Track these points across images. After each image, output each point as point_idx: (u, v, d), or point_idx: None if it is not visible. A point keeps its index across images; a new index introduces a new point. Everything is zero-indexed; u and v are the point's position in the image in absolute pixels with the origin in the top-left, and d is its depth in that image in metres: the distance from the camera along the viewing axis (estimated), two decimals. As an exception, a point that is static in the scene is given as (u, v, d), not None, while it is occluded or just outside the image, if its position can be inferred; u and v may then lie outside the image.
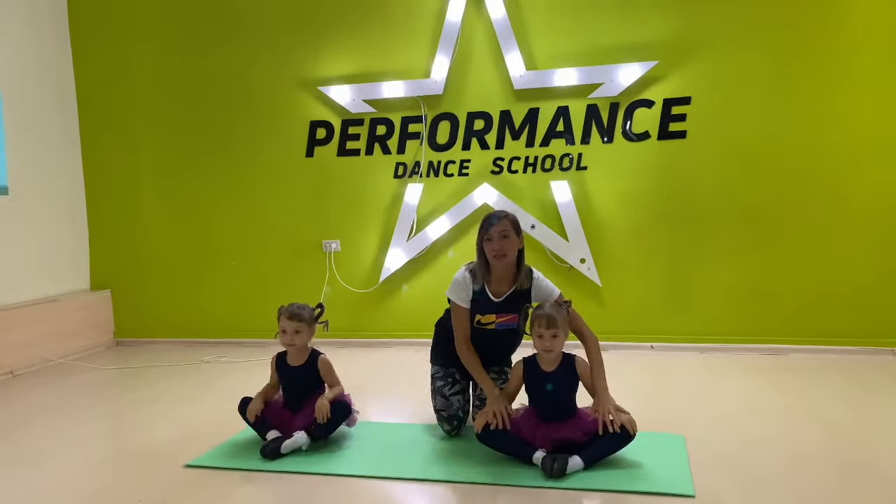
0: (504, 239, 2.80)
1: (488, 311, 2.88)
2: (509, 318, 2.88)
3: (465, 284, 2.90)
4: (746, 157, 4.19)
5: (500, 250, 2.80)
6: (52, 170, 4.93)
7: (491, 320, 2.89)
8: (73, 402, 3.69)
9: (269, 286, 4.92)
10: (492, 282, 2.89)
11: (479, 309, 2.90)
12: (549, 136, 4.44)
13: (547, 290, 2.91)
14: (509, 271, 2.88)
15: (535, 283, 2.90)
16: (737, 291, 4.26)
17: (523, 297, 2.87)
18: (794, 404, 3.23)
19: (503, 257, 2.81)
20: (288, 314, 2.89)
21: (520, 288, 2.88)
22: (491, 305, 2.88)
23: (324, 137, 4.76)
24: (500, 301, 2.88)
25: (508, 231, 2.82)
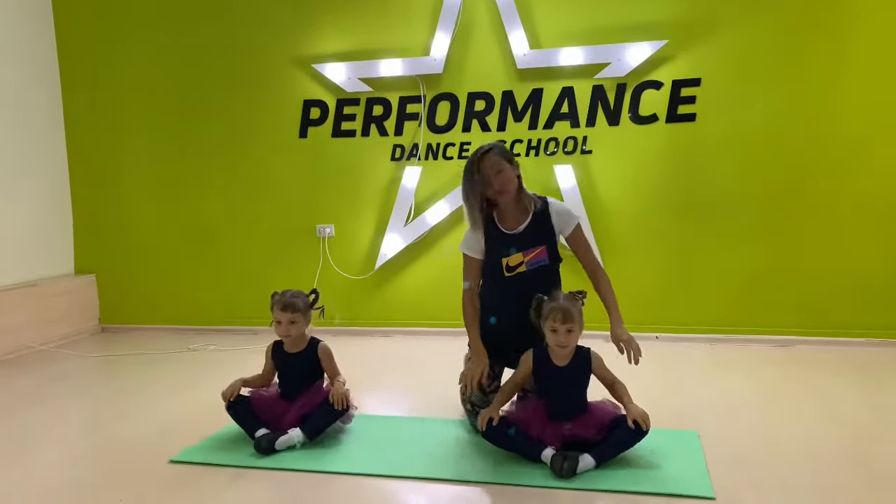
0: (499, 174, 2.63)
1: (510, 251, 2.69)
2: (537, 253, 2.70)
3: (473, 234, 2.75)
4: (757, 141, 4.04)
5: (499, 188, 2.64)
6: (34, 150, 4.72)
7: (519, 260, 2.69)
8: (54, 391, 3.52)
9: (261, 272, 4.74)
10: (505, 219, 2.74)
11: (501, 251, 2.71)
12: (553, 119, 4.27)
13: (567, 215, 2.76)
14: (518, 201, 2.72)
15: (554, 210, 2.74)
16: (745, 281, 4.12)
17: (544, 227, 2.71)
18: (806, 399, 3.09)
19: (504, 192, 2.65)
20: (282, 305, 2.73)
21: (537, 210, 2.71)
22: (510, 242, 2.69)
23: (318, 117, 4.58)
24: (519, 233, 2.70)
25: (501, 164, 2.64)
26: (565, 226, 2.79)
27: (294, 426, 2.62)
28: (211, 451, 2.58)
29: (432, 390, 3.39)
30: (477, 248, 2.76)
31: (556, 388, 2.49)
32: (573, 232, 2.80)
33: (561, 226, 2.78)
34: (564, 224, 2.78)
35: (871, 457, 2.42)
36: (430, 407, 3.15)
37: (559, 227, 2.79)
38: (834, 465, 2.36)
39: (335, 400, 2.60)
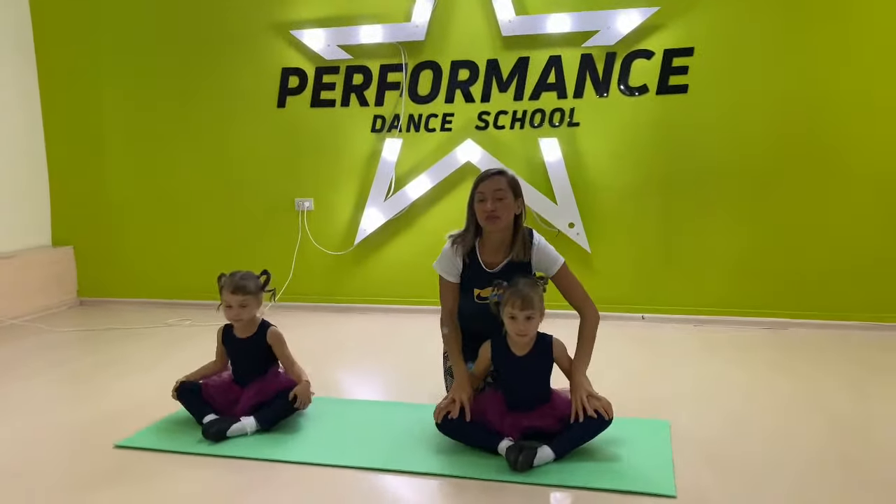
0: (499, 201, 2.44)
1: (485, 283, 2.51)
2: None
3: (452, 256, 2.56)
4: (752, 114, 3.84)
5: (492, 212, 2.43)
6: (7, 119, 4.59)
7: (490, 293, 2.48)
8: (18, 367, 3.43)
9: (239, 246, 4.62)
10: (485, 251, 2.55)
11: (474, 282, 2.55)
12: (540, 89, 4.08)
13: (549, 259, 2.54)
14: (505, 238, 2.52)
15: (537, 251, 2.53)
16: (736, 260, 3.96)
17: (522, 269, 2.50)
18: (791, 386, 2.96)
19: (495, 220, 2.44)
20: (232, 287, 2.60)
21: (516, 259, 2.51)
22: (486, 277, 2.51)
23: (297, 86, 4.41)
24: (494, 272, 2.51)
25: (504, 191, 2.45)
26: (546, 269, 2.55)
27: (246, 414, 2.52)
28: (160, 436, 2.48)
29: (404, 371, 3.29)
30: (454, 271, 2.57)
31: (516, 379, 2.36)
32: (557, 273, 2.56)
33: (541, 268, 2.55)
34: (546, 267, 2.55)
35: (854, 457, 2.28)
36: (399, 390, 3.05)
37: (538, 269, 2.56)
38: (811, 463, 2.23)
39: (299, 402, 2.50)
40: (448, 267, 2.58)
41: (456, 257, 2.56)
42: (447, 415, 2.30)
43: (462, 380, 2.40)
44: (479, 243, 2.57)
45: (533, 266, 2.54)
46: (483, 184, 2.47)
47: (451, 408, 2.30)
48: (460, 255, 2.55)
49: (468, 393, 2.35)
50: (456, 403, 2.31)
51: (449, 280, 2.59)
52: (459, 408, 2.30)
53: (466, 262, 2.56)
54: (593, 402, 2.25)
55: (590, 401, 2.25)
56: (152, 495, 2.08)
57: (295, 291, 4.54)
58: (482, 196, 2.46)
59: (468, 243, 2.55)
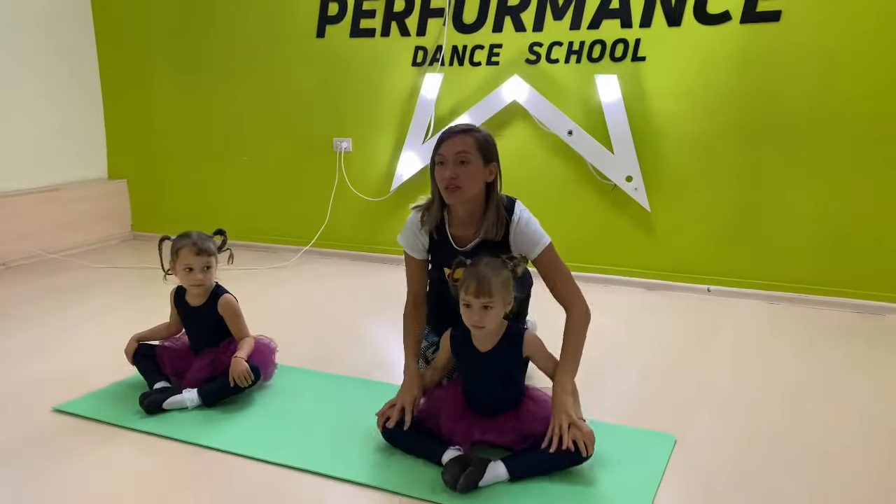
0: (462, 165, 1.99)
1: (454, 263, 2.06)
2: None
3: (417, 230, 2.16)
4: (861, 50, 3.06)
5: (452, 180, 1.99)
6: (65, 52, 4.53)
7: (460, 275, 2.05)
8: (19, 307, 3.37)
9: (278, 188, 4.40)
10: (454, 223, 2.13)
11: (443, 260, 2.16)
12: (601, 16, 3.47)
13: (529, 238, 2.07)
14: (475, 210, 2.08)
15: (515, 228, 2.07)
16: (827, 230, 3.26)
17: (497, 248, 2.04)
18: (873, 393, 2.35)
19: (456, 190, 2.00)
20: (196, 249, 2.31)
21: (488, 237, 2.08)
22: (455, 256, 2.06)
23: (336, 14, 4.02)
24: (465, 251, 2.10)
25: (470, 153, 1.99)
26: (528, 251, 2.08)
27: (196, 385, 2.28)
28: (100, 403, 2.28)
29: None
30: (419, 247, 2.19)
31: (478, 378, 1.96)
32: (540, 257, 2.10)
33: (521, 250, 2.08)
34: (526, 248, 2.08)
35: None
36: (396, 361, 2.72)
37: (518, 251, 2.07)
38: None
39: (234, 377, 2.21)
40: (412, 242, 2.19)
41: (421, 232, 2.15)
42: (387, 420, 1.94)
43: (409, 381, 2.01)
44: (448, 214, 2.13)
45: (511, 246, 2.07)
46: (444, 144, 2.02)
47: (391, 413, 1.94)
48: (426, 231, 2.13)
49: (414, 396, 1.97)
50: (395, 409, 1.94)
51: (413, 256, 2.20)
52: (400, 414, 1.92)
53: (435, 238, 2.14)
54: (573, 432, 1.80)
55: (570, 430, 1.80)
56: (52, 474, 1.89)
57: (330, 238, 4.27)
58: (441, 159, 2.02)
59: (434, 216, 2.12)
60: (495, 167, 2.07)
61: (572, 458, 1.80)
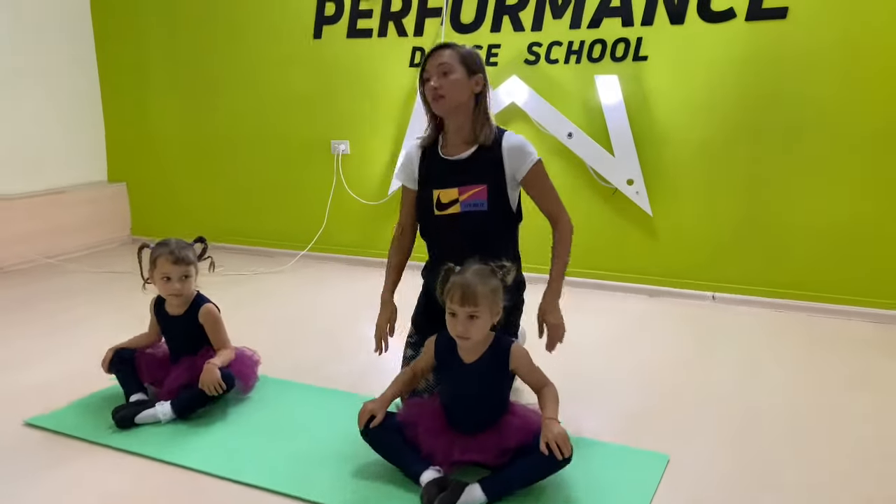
0: (444, 76, 2.06)
1: (447, 182, 2.13)
2: (476, 192, 2.12)
3: (411, 156, 2.25)
4: (873, 48, 2.94)
5: (436, 90, 2.07)
6: (62, 57, 4.49)
7: (453, 197, 2.13)
8: (11, 311, 3.32)
9: (275, 191, 4.33)
10: (448, 144, 2.18)
11: (435, 181, 2.17)
12: (601, 14, 3.36)
13: (521, 153, 2.12)
14: (463, 125, 2.13)
15: (508, 142, 2.12)
16: (836, 236, 3.13)
17: (490, 161, 2.11)
18: (882, 410, 2.23)
19: (440, 99, 2.08)
20: (174, 257, 2.24)
21: (485, 143, 2.12)
22: (448, 171, 2.14)
23: (333, 14, 3.95)
24: (457, 160, 2.14)
25: (450, 65, 2.07)
26: (518, 165, 2.14)
27: (174, 394, 2.21)
28: (74, 416, 2.21)
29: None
30: (411, 175, 2.25)
31: (460, 391, 1.86)
32: (529, 173, 2.14)
33: (513, 165, 2.13)
34: (517, 162, 2.13)
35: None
36: (394, 370, 2.62)
37: (511, 167, 2.12)
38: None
39: (204, 385, 2.14)
40: (405, 168, 2.27)
41: (414, 157, 2.24)
42: (371, 420, 1.84)
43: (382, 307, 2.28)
44: (442, 138, 2.21)
45: (504, 162, 2.11)
46: (428, 61, 2.11)
47: (374, 410, 1.85)
48: (420, 149, 2.23)
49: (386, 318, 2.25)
50: (365, 412, 1.85)
51: (407, 187, 2.28)
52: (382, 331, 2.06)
53: (427, 160, 2.21)
54: (544, 434, 1.71)
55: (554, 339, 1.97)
56: (13, 495, 1.82)
57: (328, 241, 4.20)
58: (427, 75, 2.11)
59: (430, 136, 2.22)
60: (481, 79, 2.11)
61: (549, 466, 1.70)
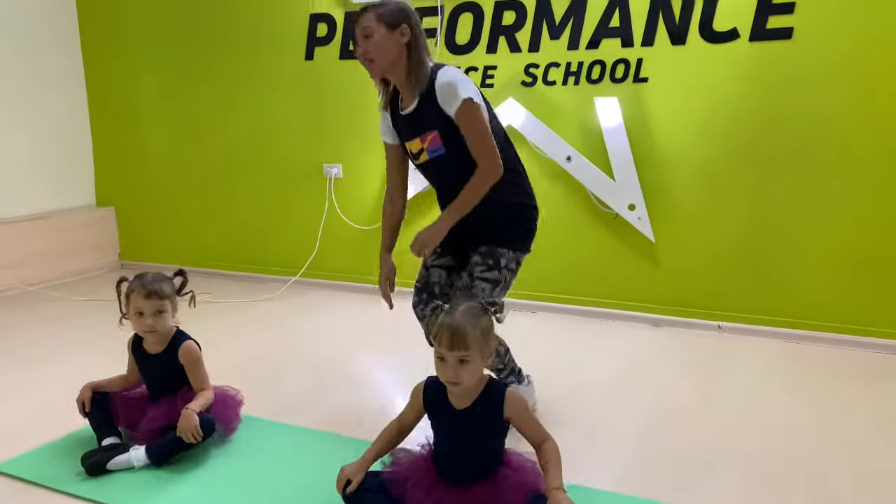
0: (366, 39, 2.07)
1: (408, 135, 2.20)
2: (431, 138, 2.14)
3: (385, 115, 2.28)
4: (880, 68, 2.83)
5: (364, 55, 2.09)
6: (53, 79, 4.40)
7: (419, 147, 2.18)
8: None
9: (266, 216, 4.22)
10: (402, 97, 2.19)
11: (402, 135, 2.25)
12: (600, 35, 3.27)
13: (450, 92, 2.04)
14: (401, 77, 2.13)
15: (438, 83, 2.07)
16: (847, 261, 3.01)
17: (433, 106, 2.09)
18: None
19: (370, 63, 2.09)
20: (145, 291, 2.11)
21: (421, 91, 2.10)
22: (408, 124, 2.18)
23: (325, 35, 3.86)
24: (409, 114, 2.16)
25: (371, 27, 2.06)
26: (448, 106, 2.07)
27: (151, 439, 2.08)
28: (44, 461, 2.07)
29: (403, 378, 2.75)
30: (387, 130, 2.30)
31: (453, 439, 1.73)
32: (457, 113, 2.06)
33: (445, 106, 2.08)
34: (446, 103, 2.07)
35: None
36: (382, 409, 2.49)
37: (444, 108, 2.08)
38: None
39: (182, 433, 2.00)
40: (383, 126, 2.31)
41: (386, 113, 2.26)
42: (347, 484, 1.71)
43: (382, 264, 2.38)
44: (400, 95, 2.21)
45: (440, 104, 2.07)
46: (354, 31, 2.10)
47: (351, 475, 1.71)
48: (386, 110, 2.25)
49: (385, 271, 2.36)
50: (342, 477, 1.71)
51: (386, 142, 2.32)
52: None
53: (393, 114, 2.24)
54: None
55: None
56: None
57: (320, 267, 4.08)
58: (354, 42, 2.11)
59: (385, 98, 2.23)
60: (406, 29, 2.09)
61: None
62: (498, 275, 2.17)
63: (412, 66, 2.09)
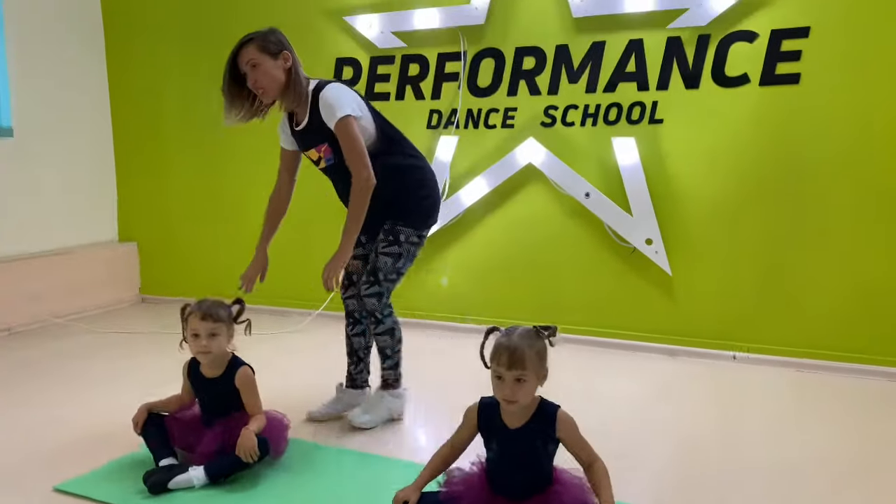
0: (254, 69, 2.32)
1: (306, 146, 2.50)
2: (323, 150, 2.45)
3: (284, 125, 2.55)
4: (882, 112, 3.02)
5: (255, 85, 2.35)
6: (77, 116, 4.55)
7: (315, 156, 2.50)
8: (26, 373, 3.27)
9: (290, 249, 4.31)
10: (296, 114, 2.46)
11: (302, 146, 2.53)
12: (616, 79, 3.46)
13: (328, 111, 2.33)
14: (291, 97, 2.39)
15: (321, 100, 2.35)
16: (856, 294, 3.15)
17: (320, 120, 2.37)
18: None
19: (263, 93, 2.35)
20: (201, 313, 2.23)
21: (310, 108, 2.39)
22: (302, 137, 2.48)
23: (351, 78, 4.03)
24: (301, 130, 2.45)
25: (254, 57, 2.32)
26: (328, 119, 2.35)
27: (209, 459, 2.17)
28: (104, 481, 2.16)
29: (431, 409, 2.84)
30: (286, 138, 2.56)
31: (506, 457, 1.83)
32: (335, 128, 2.34)
33: (326, 119, 2.36)
34: (327, 120, 2.35)
35: None
36: (414, 436, 2.59)
37: (326, 120, 2.37)
38: None
39: (241, 453, 2.10)
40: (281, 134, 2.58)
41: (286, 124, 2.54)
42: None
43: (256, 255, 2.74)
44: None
45: (324, 119, 2.35)
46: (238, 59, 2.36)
47: (406, 496, 1.81)
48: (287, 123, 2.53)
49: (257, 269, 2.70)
50: (397, 501, 1.81)
51: (284, 147, 2.61)
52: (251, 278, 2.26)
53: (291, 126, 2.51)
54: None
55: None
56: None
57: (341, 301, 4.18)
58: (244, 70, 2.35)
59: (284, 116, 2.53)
60: (287, 54, 2.35)
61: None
62: (398, 248, 2.50)
63: (297, 88, 2.35)
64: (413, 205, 2.54)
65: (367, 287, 2.52)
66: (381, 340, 2.62)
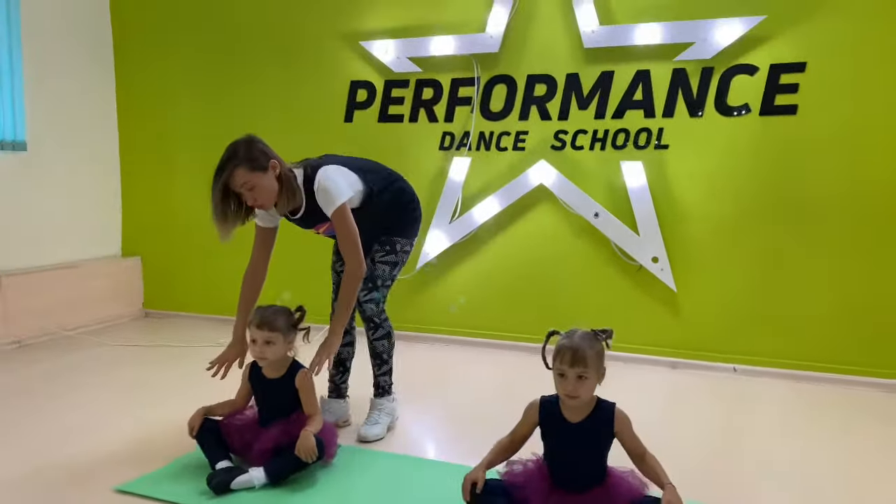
0: (250, 191, 2.39)
1: (305, 226, 2.64)
2: (326, 227, 2.60)
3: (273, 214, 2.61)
4: (873, 141, 3.29)
5: (254, 202, 2.42)
6: (84, 130, 4.59)
7: (314, 232, 2.69)
8: (46, 384, 3.30)
9: (299, 266, 4.42)
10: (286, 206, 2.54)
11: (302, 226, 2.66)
12: (625, 107, 3.67)
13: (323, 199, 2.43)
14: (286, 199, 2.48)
15: (316, 189, 2.45)
16: (850, 309, 3.39)
17: (314, 207, 2.49)
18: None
19: (257, 203, 2.42)
20: (258, 321, 2.34)
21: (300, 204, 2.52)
22: (303, 221, 2.60)
23: (365, 100, 4.18)
24: (300, 218, 2.58)
25: (248, 181, 2.36)
26: (324, 206, 2.47)
27: (264, 459, 2.25)
28: (163, 482, 2.24)
29: (458, 417, 2.96)
30: (265, 216, 2.60)
31: (566, 450, 1.97)
32: (332, 216, 2.46)
33: (322, 206, 2.48)
34: (323, 204, 2.47)
35: None
36: (448, 442, 2.72)
37: (322, 207, 2.48)
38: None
39: (300, 453, 2.20)
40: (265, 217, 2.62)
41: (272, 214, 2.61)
42: (474, 487, 1.93)
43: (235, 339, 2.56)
44: None
45: (320, 205, 2.46)
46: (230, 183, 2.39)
47: (475, 477, 1.95)
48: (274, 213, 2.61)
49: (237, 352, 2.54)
50: (467, 481, 1.94)
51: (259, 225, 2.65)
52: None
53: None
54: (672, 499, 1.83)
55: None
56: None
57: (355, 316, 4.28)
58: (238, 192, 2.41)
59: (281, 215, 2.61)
60: (275, 163, 2.40)
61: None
62: (395, 257, 2.68)
63: (290, 190, 2.46)
64: (406, 220, 2.74)
65: (366, 293, 2.64)
66: (378, 345, 2.74)
